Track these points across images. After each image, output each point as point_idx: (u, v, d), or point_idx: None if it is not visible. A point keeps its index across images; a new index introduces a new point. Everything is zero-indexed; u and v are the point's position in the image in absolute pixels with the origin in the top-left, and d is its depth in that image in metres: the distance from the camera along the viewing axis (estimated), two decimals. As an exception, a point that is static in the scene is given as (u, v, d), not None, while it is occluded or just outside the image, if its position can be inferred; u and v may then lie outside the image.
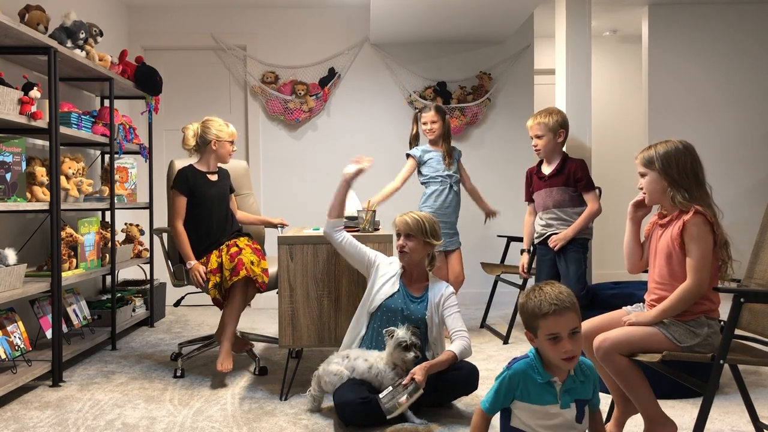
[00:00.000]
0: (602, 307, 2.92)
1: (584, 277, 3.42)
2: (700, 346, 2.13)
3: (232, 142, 3.59)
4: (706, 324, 2.15)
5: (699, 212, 2.15)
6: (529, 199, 3.61)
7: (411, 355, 2.61)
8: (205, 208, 3.47)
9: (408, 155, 4.19)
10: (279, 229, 3.79)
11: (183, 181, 3.46)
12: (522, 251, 3.63)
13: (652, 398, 2.18)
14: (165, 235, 3.62)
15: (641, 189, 2.33)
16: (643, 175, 2.31)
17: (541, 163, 3.52)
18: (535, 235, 3.64)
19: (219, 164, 3.64)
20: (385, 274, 2.88)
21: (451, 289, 2.90)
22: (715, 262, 2.17)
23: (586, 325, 2.34)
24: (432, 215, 2.93)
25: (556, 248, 3.43)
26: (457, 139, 5.30)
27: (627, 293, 3.06)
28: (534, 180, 3.53)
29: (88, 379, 3.31)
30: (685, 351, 2.12)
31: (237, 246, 3.36)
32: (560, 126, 3.39)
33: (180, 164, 3.60)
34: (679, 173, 2.21)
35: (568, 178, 3.40)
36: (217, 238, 3.45)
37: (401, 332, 2.63)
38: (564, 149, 3.54)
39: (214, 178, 3.57)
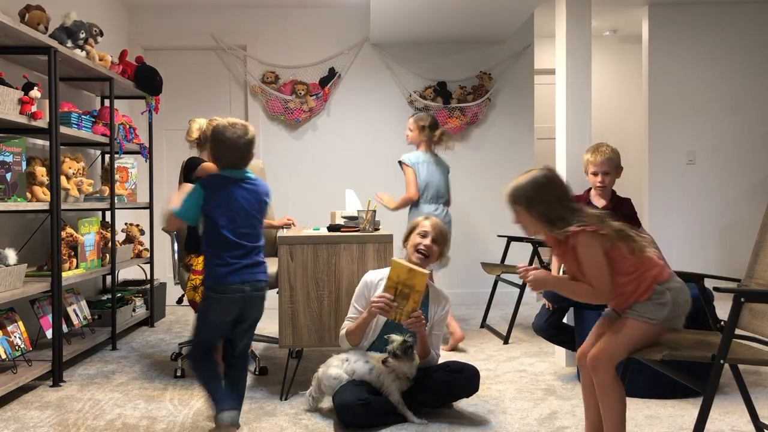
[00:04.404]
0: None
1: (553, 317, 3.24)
2: (673, 312, 2.07)
3: None
4: (664, 290, 2.10)
5: (579, 231, 2.09)
6: None
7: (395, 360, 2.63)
8: None
9: (401, 163, 4.05)
10: (284, 230, 3.77)
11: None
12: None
13: (623, 423, 2.10)
14: (165, 234, 3.61)
15: (517, 224, 2.23)
16: (516, 212, 2.21)
17: (588, 191, 3.31)
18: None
19: None
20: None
21: (448, 306, 2.87)
22: (621, 251, 2.10)
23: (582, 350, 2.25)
24: None
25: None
26: (457, 139, 5.30)
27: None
28: None
29: (88, 379, 3.31)
30: (663, 324, 2.07)
31: None
32: (620, 162, 3.22)
33: None
34: (545, 205, 2.14)
35: (619, 214, 3.22)
36: None
37: (396, 343, 2.60)
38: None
39: None
